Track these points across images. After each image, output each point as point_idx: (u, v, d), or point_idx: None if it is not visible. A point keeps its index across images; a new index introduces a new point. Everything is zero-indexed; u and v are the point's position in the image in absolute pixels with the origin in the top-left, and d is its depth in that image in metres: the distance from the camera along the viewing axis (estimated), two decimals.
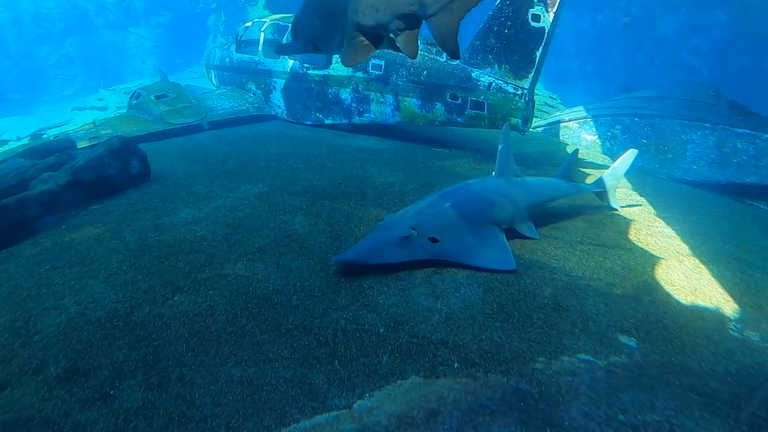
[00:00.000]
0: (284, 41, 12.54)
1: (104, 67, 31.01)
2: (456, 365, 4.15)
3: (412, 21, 4.80)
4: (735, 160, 10.72)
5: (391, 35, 5.11)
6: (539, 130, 13.71)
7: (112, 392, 3.99)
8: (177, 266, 5.79)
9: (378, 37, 5.42)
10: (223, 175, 8.91)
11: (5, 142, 15.91)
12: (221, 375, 4.11)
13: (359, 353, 4.31)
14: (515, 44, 9.68)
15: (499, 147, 7.23)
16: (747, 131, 10.87)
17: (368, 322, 4.72)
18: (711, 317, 5.14)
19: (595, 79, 22.97)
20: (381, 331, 4.59)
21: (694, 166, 11.09)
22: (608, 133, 12.58)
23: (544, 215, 7.40)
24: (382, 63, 11.08)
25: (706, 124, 11.33)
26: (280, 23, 13.43)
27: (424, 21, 4.76)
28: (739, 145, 10.77)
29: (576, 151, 8.42)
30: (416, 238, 5.70)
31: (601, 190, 7.89)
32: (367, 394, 3.86)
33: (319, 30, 6.46)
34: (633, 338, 4.62)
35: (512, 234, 6.51)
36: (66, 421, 3.76)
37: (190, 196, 8.01)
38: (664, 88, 13.93)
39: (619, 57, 21.81)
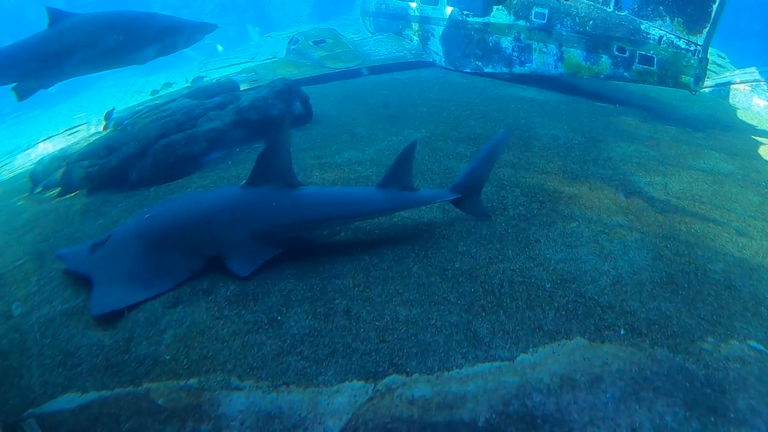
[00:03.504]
0: None
1: (257, 15, 31.80)
2: (622, 332, 4.03)
3: None
4: None
5: None
6: (707, 90, 12.88)
7: (279, 318, 4.18)
8: None
9: None
10: (384, 119, 8.98)
11: (170, 84, 16.71)
12: (387, 312, 4.19)
13: (525, 306, 4.28)
14: None
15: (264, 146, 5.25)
16: None
17: (535, 276, 4.66)
18: None
19: (764, 40, 21.35)
20: (548, 287, 4.52)
21: None
22: None
23: (713, 182, 6.98)
24: (546, 12, 10.70)
25: None
26: None
27: None
28: None
29: (412, 144, 5.27)
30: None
31: (457, 196, 5.37)
32: (530, 349, 3.83)
33: None
34: None
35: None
36: (234, 339, 3.99)
37: (352, 137, 8.14)
38: None
39: None
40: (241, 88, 11.26)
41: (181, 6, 31.00)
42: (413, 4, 13.91)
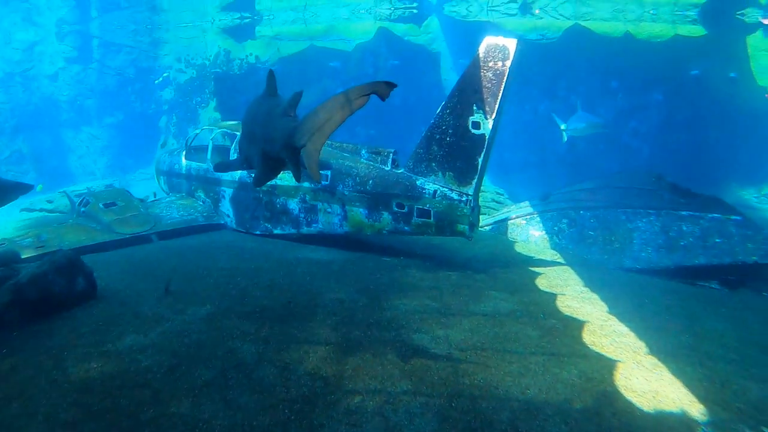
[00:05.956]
0: (231, 157, 12.73)
1: (55, 165, 30.85)
2: None
3: (294, 150, 6.40)
4: (682, 243, 10.89)
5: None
6: (487, 228, 13.89)
7: None
8: (120, 404, 5.58)
9: (280, 160, 6.92)
10: (170, 295, 8.70)
11: None
12: None
13: None
14: (457, 152, 9.92)
15: None
16: (691, 213, 11.14)
17: None
18: (678, 424, 5.14)
19: (539, 169, 23.58)
20: None
21: (643, 254, 11.23)
22: (555, 228, 12.79)
23: (494, 324, 7.40)
24: (329, 173, 11.16)
25: (650, 211, 11.60)
26: (228, 131, 13.55)
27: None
28: (685, 228, 10.99)
29: None
30: None
31: None
32: None
33: (247, 150, 7.71)
34: None
35: (457, 339, 6.43)
36: None
37: (136, 318, 7.79)
38: (606, 178, 14.39)
39: (561, 146, 22.51)
40: (24, 255, 10.65)
41: None
42: (205, 165, 14.01)
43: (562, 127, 19.66)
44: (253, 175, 12.40)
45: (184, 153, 14.93)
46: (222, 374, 6.14)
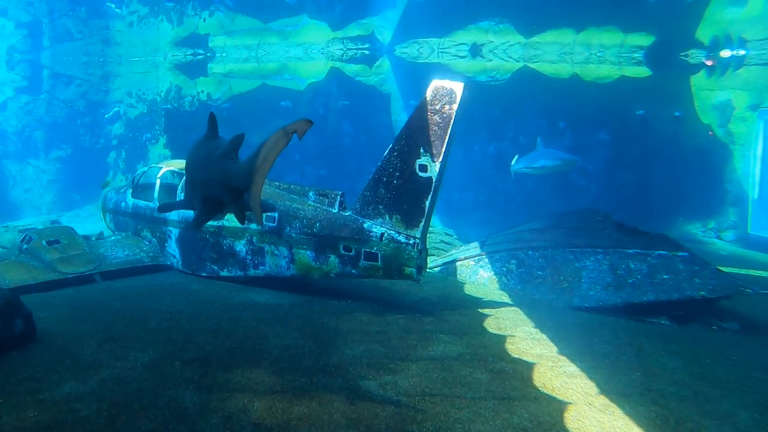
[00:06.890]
0: (178, 197, 12.59)
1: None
2: None
3: (237, 192, 6.50)
4: (630, 281, 10.98)
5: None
6: (437, 269, 13.91)
7: None
8: None
9: (221, 203, 7.07)
10: (111, 339, 8.46)
11: None
12: None
13: None
14: (404, 195, 9.97)
15: None
16: (638, 251, 11.28)
17: None
18: None
19: (489, 209, 23.77)
20: None
21: (591, 292, 11.28)
22: (504, 269, 12.82)
23: (442, 369, 7.35)
24: (276, 215, 11.09)
25: (598, 249, 11.69)
26: (177, 170, 13.38)
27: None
28: (632, 265, 11.10)
29: None
30: None
31: None
32: None
33: (190, 193, 7.84)
34: None
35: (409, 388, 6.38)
36: None
37: (75, 364, 7.56)
38: (553, 218, 14.55)
39: (510, 185, 22.74)
40: None
41: None
42: (152, 204, 13.76)
43: (537, 164, 19.70)
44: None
45: (130, 191, 14.70)
46: (163, 425, 5.96)
